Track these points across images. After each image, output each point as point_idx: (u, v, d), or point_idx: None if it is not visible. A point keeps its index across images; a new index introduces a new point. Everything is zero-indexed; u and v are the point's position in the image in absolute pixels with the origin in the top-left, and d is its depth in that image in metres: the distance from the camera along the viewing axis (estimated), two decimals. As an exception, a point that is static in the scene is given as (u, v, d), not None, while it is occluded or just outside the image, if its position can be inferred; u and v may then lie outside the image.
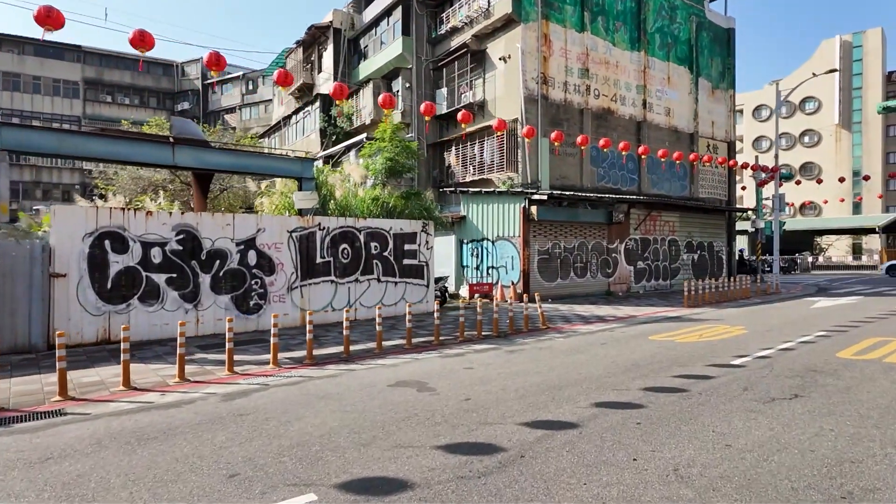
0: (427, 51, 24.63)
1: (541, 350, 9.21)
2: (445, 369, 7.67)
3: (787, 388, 6.23)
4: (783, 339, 9.73)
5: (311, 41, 30.15)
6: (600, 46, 22.61)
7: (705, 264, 25.14)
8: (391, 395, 6.25)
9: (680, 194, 25.62)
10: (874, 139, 59.13)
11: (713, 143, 27.68)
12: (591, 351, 9.01)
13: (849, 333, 10.43)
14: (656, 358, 8.22)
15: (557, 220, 18.60)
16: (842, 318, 12.74)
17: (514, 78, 20.40)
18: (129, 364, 6.94)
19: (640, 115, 24.09)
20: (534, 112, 20.38)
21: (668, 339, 10.19)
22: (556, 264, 18.53)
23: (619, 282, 20.90)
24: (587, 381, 6.76)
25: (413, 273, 14.28)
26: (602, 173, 22.70)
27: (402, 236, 14.06)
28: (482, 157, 21.95)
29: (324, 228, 12.58)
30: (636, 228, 21.74)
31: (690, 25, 26.43)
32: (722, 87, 28.31)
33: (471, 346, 9.79)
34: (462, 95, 22.72)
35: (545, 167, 20.71)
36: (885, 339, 9.69)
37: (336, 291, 12.80)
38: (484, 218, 18.59)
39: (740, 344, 9.39)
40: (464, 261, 19.11)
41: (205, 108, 51.03)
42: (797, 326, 11.52)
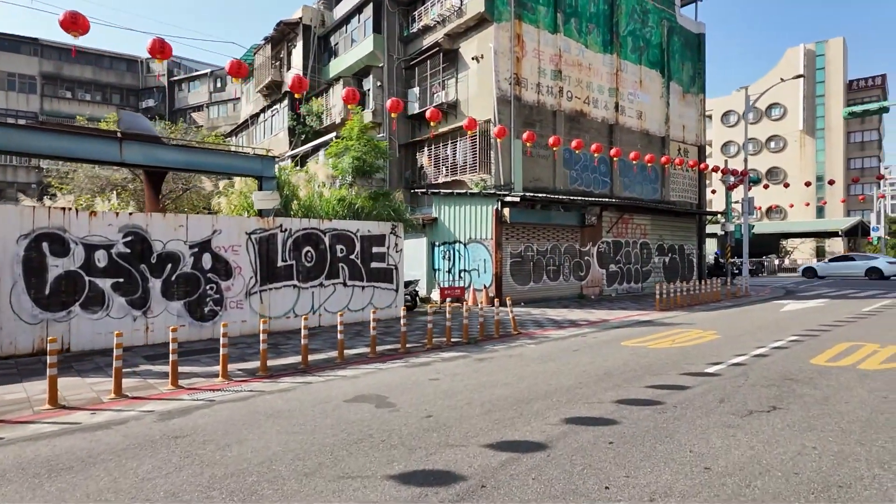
0: (399, 49, 24.15)
1: (511, 358, 8.82)
2: (409, 381, 7.20)
3: (765, 399, 5.96)
4: (756, 345, 9.56)
5: (279, 38, 29.34)
6: (573, 48, 22.49)
7: (676, 267, 25.26)
8: (347, 412, 5.75)
9: (651, 197, 25.70)
10: (836, 145, 60.99)
11: (684, 146, 27.91)
12: (563, 359, 8.66)
13: (820, 338, 10.34)
14: (629, 366, 7.91)
15: (530, 222, 18.33)
16: (812, 322, 12.72)
17: (487, 78, 20.09)
18: (56, 380, 6.27)
19: (612, 118, 24.07)
20: (507, 113, 20.10)
21: (640, 344, 9.92)
22: (528, 267, 18.24)
23: (591, 285, 20.75)
24: (558, 392, 6.38)
25: (381, 277, 13.76)
26: (575, 176, 22.57)
27: (370, 238, 13.54)
28: (455, 159, 21.57)
29: (286, 230, 11.98)
30: (608, 231, 21.64)
31: (662, 29, 26.59)
32: (693, 92, 28.59)
33: (439, 353, 9.35)
34: (434, 95, 22.31)
35: (518, 169, 20.45)
36: (856, 343, 9.60)
37: (299, 297, 12.20)
38: (456, 220, 18.18)
39: (714, 350, 9.17)
40: (435, 264, 18.66)
41: (171, 105, 49.48)
42: (769, 331, 11.41)
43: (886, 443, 4.51)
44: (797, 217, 58.76)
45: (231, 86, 46.29)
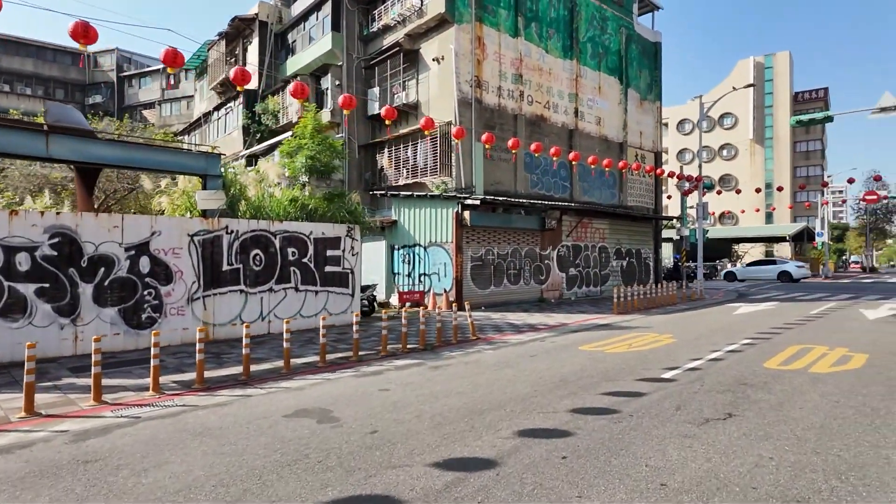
0: (359, 48, 23.66)
1: (467, 365, 8.51)
2: (358, 392, 6.79)
3: (721, 405, 5.84)
4: (711, 348, 9.57)
5: (235, 34, 28.35)
6: (534, 53, 22.53)
7: (634, 271, 25.62)
8: (284, 428, 5.30)
9: (610, 202, 26.01)
10: (783, 154, 63.78)
11: (641, 152, 28.41)
12: (520, 365, 8.41)
13: (772, 341, 10.47)
14: (586, 372, 7.72)
15: (491, 225, 18.15)
16: (763, 325, 12.95)
17: (448, 80, 19.85)
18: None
19: (572, 124, 24.23)
20: (468, 115, 19.90)
21: (598, 349, 9.80)
22: (489, 271, 18.04)
23: (551, 288, 20.74)
24: (513, 401, 6.10)
25: (336, 281, 13.25)
26: (535, 180, 22.57)
27: (325, 241, 13.02)
28: (415, 161, 21.22)
29: (232, 232, 11.34)
30: (568, 235, 21.72)
31: (620, 37, 27.02)
32: (650, 99, 29.16)
33: (393, 361, 8.95)
34: (395, 96, 21.91)
35: (479, 172, 20.27)
36: (806, 346, 9.74)
37: (246, 302, 11.57)
38: (416, 223, 17.82)
39: (670, 354, 9.12)
40: (395, 267, 18.23)
41: (120, 102, 47.30)
42: (724, 334, 11.52)
43: (841, 451, 4.40)
44: (748, 223, 61.04)
45: (185, 83, 44.61)
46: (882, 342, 10.13)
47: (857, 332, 11.49)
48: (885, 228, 70.64)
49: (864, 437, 4.77)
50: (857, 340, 10.37)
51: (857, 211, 68.28)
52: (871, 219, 64.08)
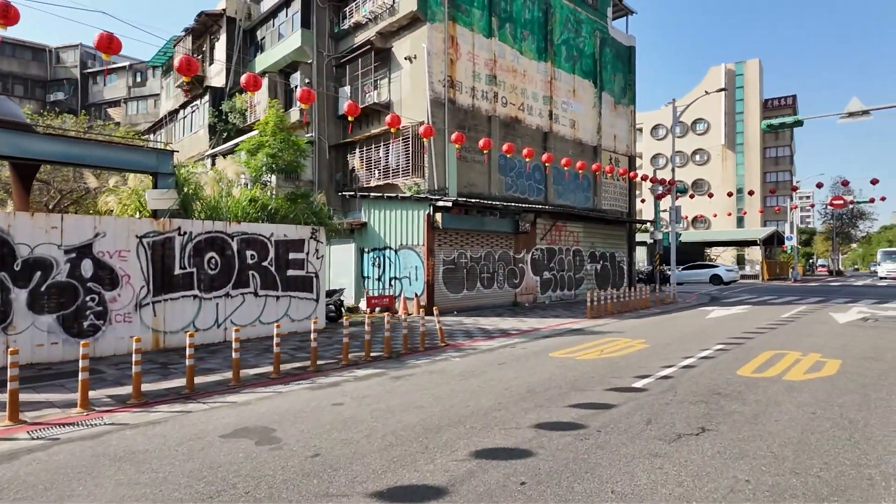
0: (330, 46, 23.07)
1: (432, 374, 8.05)
2: (308, 407, 6.27)
3: (693, 418, 5.49)
4: (684, 355, 9.30)
5: (202, 30, 27.46)
6: (508, 54, 22.26)
7: (608, 274, 25.52)
8: (217, 451, 4.76)
9: (584, 205, 25.88)
10: (754, 159, 65.07)
11: (615, 156, 28.39)
12: (487, 374, 7.98)
13: (745, 346, 10.26)
14: (555, 381, 7.34)
15: (463, 228, 17.74)
16: (736, 330, 12.80)
17: (421, 79, 19.41)
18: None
19: (546, 126, 24.02)
20: (441, 116, 19.48)
21: (568, 356, 9.44)
22: (462, 275, 17.62)
23: (525, 292, 20.43)
24: (474, 416, 5.66)
25: (299, 286, 12.66)
26: (510, 182, 22.27)
27: (287, 244, 12.42)
28: (387, 161, 20.71)
29: (185, 233, 10.68)
30: (542, 238, 21.46)
31: (594, 40, 26.98)
32: (624, 103, 29.20)
33: (353, 371, 8.44)
34: (367, 95, 21.39)
35: (452, 174, 19.86)
36: (779, 352, 9.55)
37: (200, 308, 10.91)
38: (386, 225, 17.31)
39: (642, 361, 8.80)
40: (365, 271, 17.67)
41: (84, 99, 45.65)
42: (696, 339, 11.30)
43: (822, 471, 4.08)
44: (720, 226, 62.03)
45: (152, 80, 43.26)
46: (853, 347, 10.01)
47: (829, 337, 11.39)
48: (850, 233, 72.65)
49: (844, 453, 4.46)
50: (829, 345, 10.24)
51: (825, 216, 70.09)
52: (837, 223, 65.80)
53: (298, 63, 22.67)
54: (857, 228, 72.65)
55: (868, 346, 10.05)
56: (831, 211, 65.34)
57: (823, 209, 66.42)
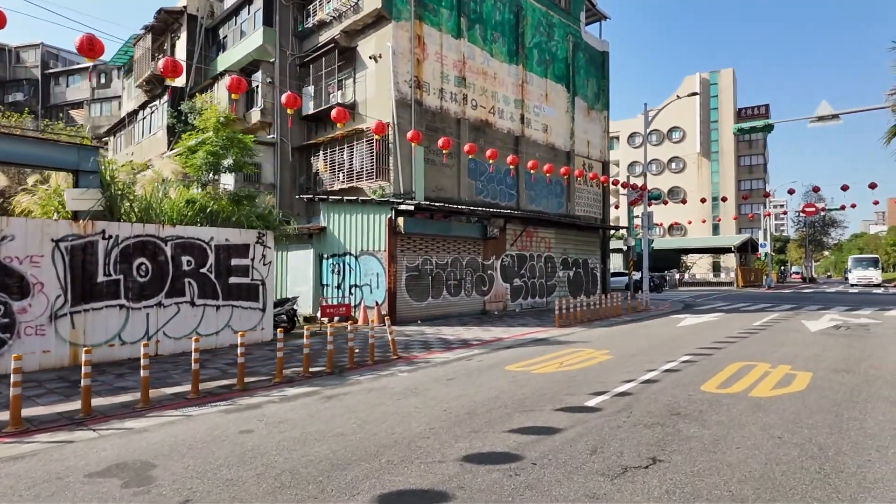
0: (294, 45, 22.27)
1: (370, 393, 7.27)
2: (211, 435, 5.44)
3: (645, 446, 4.81)
4: (647, 367, 8.67)
5: (162, 28, 26.42)
6: (478, 56, 21.71)
7: (581, 281, 25.02)
8: (72, 496, 3.92)
9: (557, 211, 25.38)
10: (728, 167, 65.79)
11: (589, 161, 28.01)
12: (431, 391, 7.23)
13: (714, 357, 9.69)
14: (501, 399, 6.62)
15: (428, 233, 17.01)
16: (706, 339, 12.27)
17: (386, 79, 18.71)
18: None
19: (518, 130, 23.50)
20: (407, 117, 18.78)
21: (524, 369, 8.74)
22: (426, 282, 16.87)
23: (495, 300, 19.76)
24: (396, 446, 4.90)
25: (244, 294, 11.77)
26: (480, 187, 21.64)
27: (229, 249, 11.54)
28: (352, 164, 19.93)
29: (110, 237, 9.75)
30: (512, 244, 20.85)
31: (567, 44, 26.63)
32: (597, 108, 28.89)
33: (285, 390, 7.62)
34: (331, 95, 20.61)
35: (420, 177, 19.15)
36: (748, 363, 8.98)
37: (128, 319, 9.96)
38: (346, 230, 16.49)
39: (602, 374, 8.14)
40: (324, 278, 16.80)
41: (45, 100, 43.97)
42: (663, 349, 10.71)
43: (786, 517, 3.41)
44: (696, 234, 62.44)
45: (117, 81, 41.80)
46: (825, 358, 9.50)
47: (800, 346, 10.91)
48: (822, 240, 73.87)
49: (813, 490, 3.81)
50: (801, 356, 9.72)
51: (797, 223, 71.12)
52: (809, 231, 66.77)
53: (260, 62, 21.81)
54: (828, 236, 73.93)
55: (840, 357, 9.55)
56: (804, 219, 66.33)
57: (796, 217, 67.39)
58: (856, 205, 31.09)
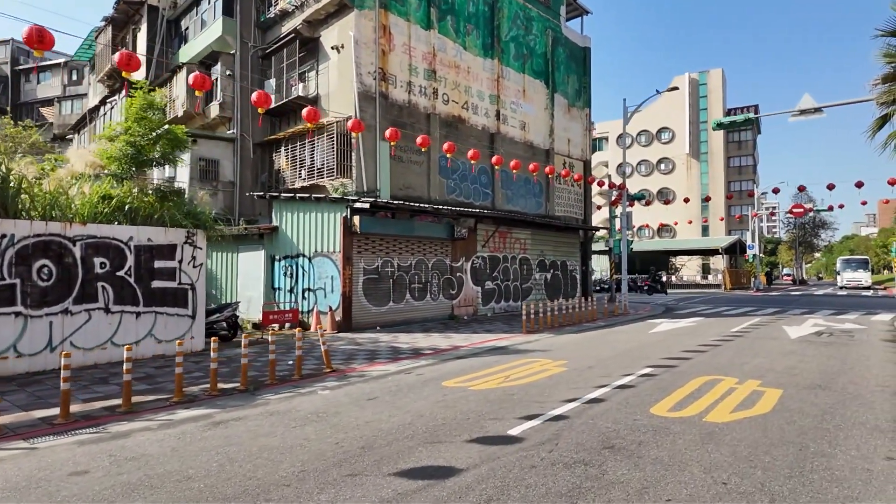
0: (256, 36, 21.24)
1: (269, 417, 6.26)
2: (29, 480, 4.40)
3: (554, 496, 3.82)
4: (599, 383, 7.70)
5: (123, 19, 25.32)
6: (450, 48, 20.74)
7: (559, 284, 24.06)
8: None
9: (536, 211, 24.44)
10: (718, 168, 65.15)
11: (569, 160, 27.11)
12: (340, 415, 6.23)
13: (678, 370, 8.73)
14: (413, 427, 5.62)
15: (389, 233, 16.00)
16: (676, 347, 11.32)
17: (349, 70, 17.71)
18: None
19: (493, 127, 22.54)
20: (371, 111, 17.78)
21: (463, 385, 7.75)
22: (387, 285, 15.84)
23: (464, 304, 18.76)
24: (238, 499, 3.89)
25: (169, 300, 10.71)
26: (452, 185, 20.65)
27: (152, 249, 10.49)
28: (314, 160, 18.89)
29: (5, 236, 8.69)
30: (484, 245, 19.86)
31: (546, 39, 25.72)
32: (578, 106, 28.00)
33: (176, 412, 6.59)
34: (293, 88, 19.59)
35: (385, 174, 18.16)
36: (714, 377, 8.03)
37: (25, 328, 8.88)
38: (299, 229, 15.44)
39: (545, 392, 7.16)
40: (276, 282, 15.74)
41: (14, 98, 42.65)
42: (626, 360, 9.74)
43: None
44: (686, 235, 61.72)
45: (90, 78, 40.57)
46: (800, 370, 8.56)
47: (776, 356, 9.97)
48: (812, 242, 73.43)
49: (749, 573, 2.83)
50: (774, 368, 8.78)
51: (787, 225, 70.61)
52: (799, 233, 66.25)
53: (220, 54, 20.74)
54: (818, 238, 73.50)
55: (817, 369, 8.62)
56: (794, 220, 65.78)
57: (787, 218, 66.86)
58: (844, 205, 30.40)
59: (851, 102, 14.70)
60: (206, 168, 19.88)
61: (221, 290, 16.25)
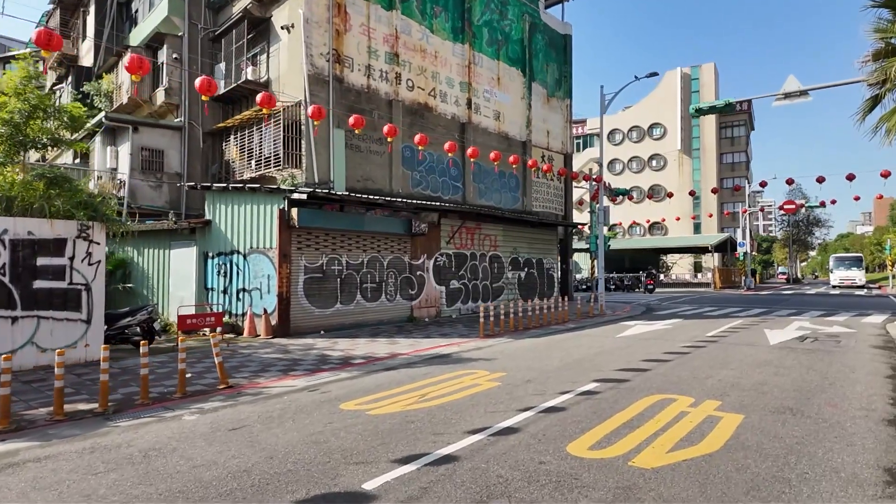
0: (207, 18, 19.84)
1: (87, 454, 4.93)
2: None
3: None
4: (526, 404, 6.37)
5: (73, 1, 23.82)
6: (415, 31, 19.36)
7: (535, 283, 22.73)
8: None
9: (512, 206, 23.11)
10: (710, 165, 63.92)
11: (548, 153, 25.78)
12: (170, 455, 4.88)
13: (628, 384, 7.41)
14: (244, 476, 4.28)
15: (336, 228, 14.62)
16: (639, 354, 10.01)
17: (300, 52, 16.33)
18: None
19: (464, 116, 21.18)
20: (324, 96, 16.40)
21: (363, 407, 6.42)
22: (334, 285, 14.47)
23: (425, 305, 17.41)
24: None
25: (57, 302, 9.34)
26: (418, 178, 19.30)
27: (34, 244, 9.11)
28: (263, 150, 17.51)
29: None
30: (448, 241, 18.50)
31: (523, 25, 24.36)
32: (558, 96, 26.66)
33: (-16, 444, 5.23)
34: (242, 72, 18.18)
35: (340, 165, 16.80)
36: (666, 396, 6.71)
37: None
38: (234, 224, 14.05)
39: (454, 417, 5.84)
40: (209, 281, 14.35)
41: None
42: (573, 371, 8.42)
43: None
44: (677, 233, 60.50)
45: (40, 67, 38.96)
46: (771, 387, 7.25)
47: (748, 367, 8.67)
48: (806, 240, 72.34)
49: None
50: (741, 383, 7.47)
51: (781, 223, 69.44)
52: (794, 231, 65.08)
53: (166, 36, 19.30)
54: (813, 236, 72.41)
55: (791, 386, 7.31)
56: (787, 217, 64.63)
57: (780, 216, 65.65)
58: (836, 200, 29.06)
59: (840, 84, 13.37)
60: (150, 158, 18.47)
61: (153, 291, 14.85)
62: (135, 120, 18.30)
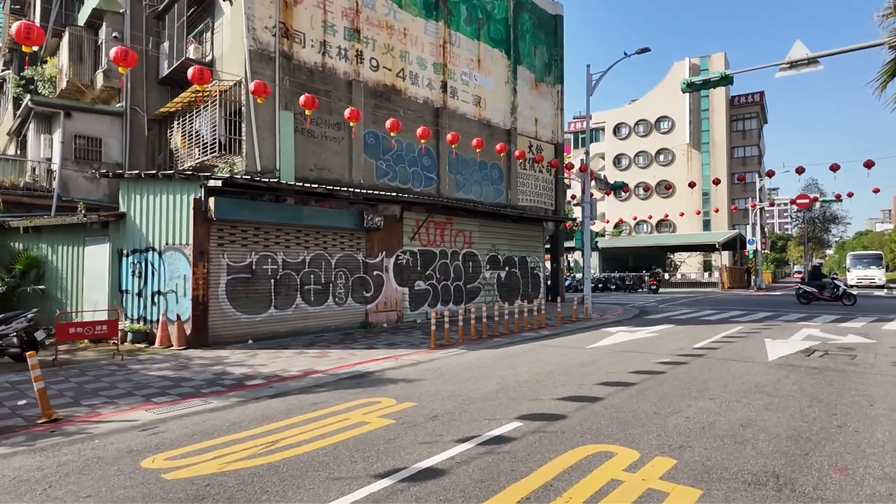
0: (154, -6, 18.13)
1: None
2: None
3: None
4: (396, 464, 4.49)
5: (24, -18, 22.33)
6: (379, 5, 17.49)
7: (517, 284, 20.74)
8: None
9: (494, 200, 21.15)
10: (720, 159, 61.23)
11: (537, 143, 23.77)
12: None
13: (562, 424, 5.48)
14: None
15: (269, 221, 12.79)
16: (600, 374, 8.05)
17: (241, 26, 14.55)
18: None
19: (439, 101, 19.27)
20: (269, 74, 14.58)
21: (171, 464, 4.58)
22: (266, 287, 12.65)
23: (384, 309, 15.54)
24: None
25: None
26: (384, 168, 17.42)
27: None
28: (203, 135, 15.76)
29: None
30: (413, 237, 16.61)
31: (507, 3, 22.36)
32: (548, 81, 24.63)
33: None
34: (185, 51, 16.45)
35: (288, 152, 15.00)
36: (603, 449, 4.77)
37: None
38: (149, 216, 12.28)
39: (276, 485, 3.97)
40: (123, 282, 12.59)
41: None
42: (501, 401, 6.50)
43: None
44: (686, 230, 57.95)
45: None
46: (757, 430, 5.27)
47: (731, 396, 6.68)
48: (822, 238, 69.33)
49: None
50: (715, 424, 5.50)
51: (796, 220, 66.51)
52: (809, 228, 62.22)
53: (105, 13, 17.64)
54: (829, 233, 69.38)
55: (784, 430, 5.32)
56: (802, 214, 61.79)
57: (795, 213, 62.78)
58: (853, 193, 26.73)
59: (856, 49, 11.24)
60: (86, 147, 16.83)
61: (67, 294, 13.14)
62: (66, 104, 16.67)
